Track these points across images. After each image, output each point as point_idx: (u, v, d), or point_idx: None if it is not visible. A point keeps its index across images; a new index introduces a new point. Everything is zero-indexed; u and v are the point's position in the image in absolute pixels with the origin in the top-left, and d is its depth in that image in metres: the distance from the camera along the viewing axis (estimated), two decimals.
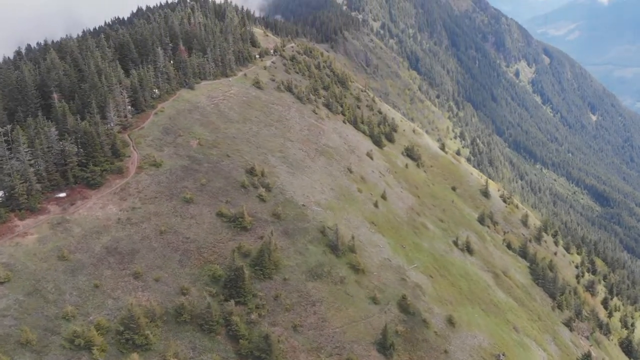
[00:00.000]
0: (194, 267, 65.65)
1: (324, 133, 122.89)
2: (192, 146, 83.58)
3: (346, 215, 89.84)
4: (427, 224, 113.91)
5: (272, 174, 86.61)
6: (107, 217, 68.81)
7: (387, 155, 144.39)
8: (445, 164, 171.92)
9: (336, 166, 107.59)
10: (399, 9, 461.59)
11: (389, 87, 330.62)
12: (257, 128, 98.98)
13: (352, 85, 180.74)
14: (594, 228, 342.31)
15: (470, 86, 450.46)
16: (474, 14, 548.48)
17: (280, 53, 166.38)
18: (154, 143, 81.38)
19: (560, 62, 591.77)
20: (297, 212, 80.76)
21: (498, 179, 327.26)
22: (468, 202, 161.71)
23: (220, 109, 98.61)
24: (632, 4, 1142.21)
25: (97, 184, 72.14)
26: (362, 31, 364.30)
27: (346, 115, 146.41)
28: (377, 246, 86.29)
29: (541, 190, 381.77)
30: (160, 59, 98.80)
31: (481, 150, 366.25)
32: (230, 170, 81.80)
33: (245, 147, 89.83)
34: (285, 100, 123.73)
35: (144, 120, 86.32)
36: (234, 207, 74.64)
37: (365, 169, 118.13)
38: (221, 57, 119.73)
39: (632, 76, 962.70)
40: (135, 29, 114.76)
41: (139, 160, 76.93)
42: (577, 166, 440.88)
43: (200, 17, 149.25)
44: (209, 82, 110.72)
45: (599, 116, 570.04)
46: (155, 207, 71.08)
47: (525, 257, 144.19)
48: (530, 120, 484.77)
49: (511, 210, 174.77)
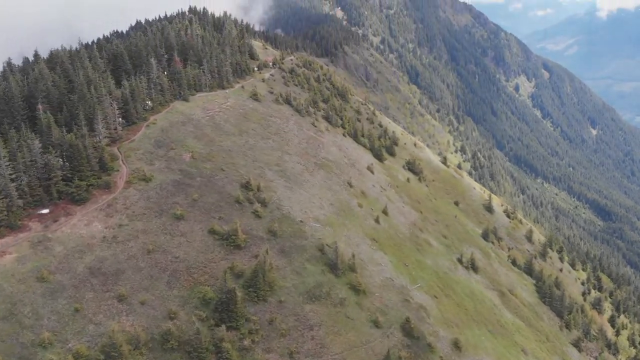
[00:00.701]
0: (182, 288, 61.34)
1: (323, 146, 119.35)
2: (185, 160, 79.83)
3: (346, 231, 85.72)
4: (430, 240, 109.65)
5: (269, 189, 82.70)
6: (91, 235, 64.73)
7: (388, 169, 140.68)
8: (447, 178, 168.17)
9: (336, 180, 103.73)
10: (399, 24, 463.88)
11: (389, 101, 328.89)
12: (253, 141, 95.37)
13: (352, 98, 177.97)
14: (597, 243, 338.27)
15: (470, 100, 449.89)
16: (474, 29, 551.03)
17: (279, 66, 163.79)
18: (145, 156, 77.65)
19: (559, 76, 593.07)
20: (294, 228, 76.66)
21: (500, 193, 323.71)
22: (471, 217, 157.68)
23: (216, 121, 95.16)
24: (629, 19, 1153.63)
25: (82, 199, 68.21)
26: (362, 46, 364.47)
27: (346, 128, 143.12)
28: (378, 264, 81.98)
29: (543, 205, 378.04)
30: (153, 70, 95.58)
31: (482, 164, 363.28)
32: (225, 185, 77.89)
33: (240, 161, 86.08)
34: (283, 113, 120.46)
35: (135, 133, 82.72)
36: (227, 223, 70.56)
37: (366, 183, 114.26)
38: (218, 68, 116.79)
39: (631, 90, 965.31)
40: (130, 40, 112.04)
41: (127, 175, 73.12)
42: (578, 180, 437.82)
43: (198, 30, 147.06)
44: (204, 94, 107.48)
45: (599, 130, 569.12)
46: (144, 224, 67.02)
47: (531, 274, 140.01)
48: (530, 135, 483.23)
49: (515, 225, 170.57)
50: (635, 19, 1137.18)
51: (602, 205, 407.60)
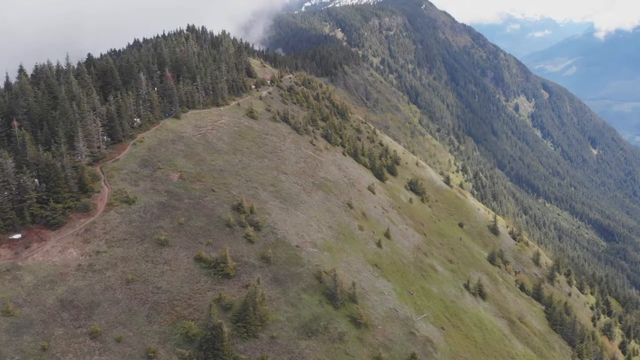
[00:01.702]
0: (164, 323, 55.01)
1: (321, 165, 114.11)
2: (173, 180, 74.32)
3: (346, 257, 79.64)
4: (435, 265, 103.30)
5: (263, 211, 76.93)
6: (65, 263, 58.79)
7: (390, 189, 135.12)
8: (451, 199, 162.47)
9: (335, 201, 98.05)
10: (398, 45, 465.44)
11: (389, 120, 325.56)
12: (248, 160, 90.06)
13: (352, 116, 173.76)
14: (601, 264, 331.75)
15: (471, 120, 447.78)
16: (473, 49, 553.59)
17: (278, 84, 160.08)
18: (129, 177, 72.18)
19: (559, 96, 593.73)
20: (289, 254, 70.60)
21: (502, 213, 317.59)
22: (476, 239, 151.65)
23: (208, 139, 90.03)
24: (627, 40, 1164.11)
25: (58, 223, 62.47)
26: (362, 66, 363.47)
27: (346, 147, 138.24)
28: (381, 293, 75.63)
29: (546, 225, 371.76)
30: (142, 86, 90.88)
31: (484, 184, 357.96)
32: (214, 207, 72.15)
33: (233, 181, 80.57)
34: (280, 131, 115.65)
35: (120, 152, 77.45)
36: (215, 250, 64.58)
37: (367, 204, 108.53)
38: (212, 85, 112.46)
39: (631, 111, 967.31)
40: (122, 56, 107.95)
41: (109, 196, 67.54)
42: (580, 200, 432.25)
43: (195, 47, 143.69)
44: (197, 111, 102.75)
45: (599, 150, 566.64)
46: (124, 251, 61.09)
47: (540, 299, 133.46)
48: (531, 154, 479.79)
49: (521, 248, 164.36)
50: (633, 39, 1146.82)
51: (605, 226, 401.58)
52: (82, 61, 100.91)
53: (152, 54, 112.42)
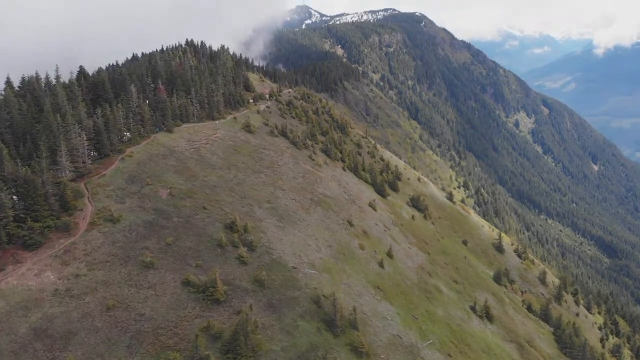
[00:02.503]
0: (146, 354, 50.06)
1: (321, 181, 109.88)
2: (162, 197, 69.94)
3: (346, 278, 74.81)
4: (440, 286, 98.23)
5: (258, 229, 72.36)
6: (41, 287, 54.08)
7: (392, 206, 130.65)
8: (454, 215, 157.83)
9: (334, 218, 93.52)
10: (398, 62, 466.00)
11: (390, 136, 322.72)
12: (243, 175, 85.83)
13: (352, 131, 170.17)
14: (605, 281, 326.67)
15: (471, 136, 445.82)
16: (472, 66, 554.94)
17: (276, 98, 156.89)
18: (115, 193, 67.84)
19: (559, 112, 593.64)
20: (285, 276, 65.81)
21: (505, 230, 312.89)
22: (481, 257, 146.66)
23: (201, 153, 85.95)
24: (625, 56, 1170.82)
25: (35, 244, 57.93)
26: (362, 82, 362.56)
27: (346, 162, 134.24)
28: (384, 318, 70.60)
29: (548, 242, 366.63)
30: (133, 99, 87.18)
31: (486, 200, 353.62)
32: (206, 226, 67.61)
33: (226, 198, 76.19)
34: (278, 145, 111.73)
35: (106, 167, 73.27)
36: (205, 272, 59.86)
37: (368, 222, 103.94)
38: (208, 99, 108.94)
39: (630, 126, 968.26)
40: (114, 68, 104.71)
41: (92, 215, 63.08)
42: (582, 216, 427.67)
43: (192, 61, 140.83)
44: (191, 124, 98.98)
45: (600, 166, 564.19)
46: (105, 274, 56.41)
47: (548, 320, 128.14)
48: (532, 170, 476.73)
49: (527, 266, 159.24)
50: (632, 55, 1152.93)
51: (608, 242, 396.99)
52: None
53: (147, 66, 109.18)
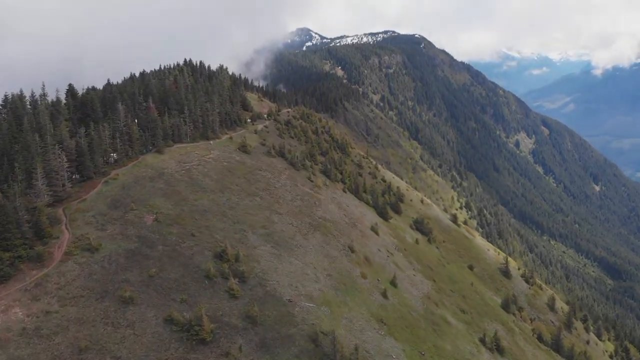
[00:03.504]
0: None
1: (320, 204, 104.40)
2: (147, 223, 64.44)
3: (347, 312, 68.68)
4: (447, 317, 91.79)
5: (251, 258, 66.61)
6: (7, 325, 48.14)
7: (394, 229, 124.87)
8: (459, 239, 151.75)
9: (334, 244, 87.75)
10: (398, 83, 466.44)
11: (390, 156, 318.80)
12: (237, 198, 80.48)
13: (353, 151, 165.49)
14: (610, 303, 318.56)
15: (472, 156, 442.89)
16: (472, 87, 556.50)
17: (275, 117, 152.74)
18: (95, 220, 62.38)
19: (559, 133, 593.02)
20: (280, 311, 59.79)
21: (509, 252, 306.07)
22: (488, 283, 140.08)
23: (192, 175, 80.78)
24: (624, 77, 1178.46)
25: (4, 276, 52.26)
26: (362, 102, 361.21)
27: (347, 184, 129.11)
28: (388, 356, 64.21)
29: (552, 264, 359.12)
30: (120, 117, 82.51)
31: (489, 221, 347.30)
32: (193, 255, 61.91)
33: (218, 223, 70.67)
34: (275, 166, 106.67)
35: (88, 190, 67.99)
36: (191, 308, 53.95)
37: (370, 247, 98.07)
38: (202, 118, 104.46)
39: (630, 147, 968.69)
40: (105, 87, 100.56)
41: (68, 243, 57.50)
42: (585, 237, 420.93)
43: (189, 80, 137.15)
44: (184, 145, 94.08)
45: (602, 186, 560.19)
46: (79, 311, 50.52)
47: (560, 350, 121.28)
48: (534, 191, 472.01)
49: (535, 292, 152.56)
50: (631, 76, 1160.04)
51: (611, 263, 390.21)
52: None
53: (139, 85, 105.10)
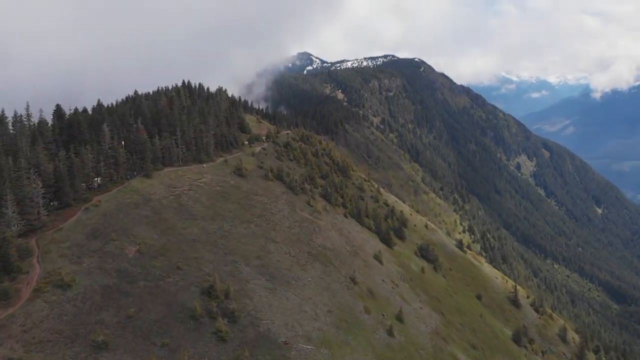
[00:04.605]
0: None
1: (320, 230, 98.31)
2: (128, 255, 58.38)
3: (350, 353, 61.91)
4: (458, 354, 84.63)
5: (242, 294, 60.27)
6: None
7: (399, 257, 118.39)
8: (466, 266, 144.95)
9: (335, 275, 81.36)
10: (398, 106, 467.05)
11: (391, 178, 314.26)
12: (229, 226, 74.57)
13: (354, 174, 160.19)
14: (616, 329, 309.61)
15: (473, 179, 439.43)
16: (472, 110, 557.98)
17: (274, 139, 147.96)
18: (71, 252, 56.36)
19: (560, 155, 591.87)
20: (274, 355, 53.18)
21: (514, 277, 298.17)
22: (497, 313, 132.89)
23: (182, 201, 75.11)
24: (623, 99, 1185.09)
25: None
26: (363, 124, 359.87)
27: (348, 208, 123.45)
28: None
29: (557, 289, 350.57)
30: (105, 139, 77.29)
31: (492, 245, 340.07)
32: (178, 291, 55.63)
33: (207, 254, 64.61)
34: (273, 191, 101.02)
35: (66, 219, 62.12)
36: (173, 353, 47.45)
37: (374, 278, 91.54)
38: (196, 140, 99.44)
39: (630, 169, 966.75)
40: (94, 108, 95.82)
41: (38, 279, 51.41)
42: (589, 261, 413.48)
43: (186, 101, 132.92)
44: (175, 168, 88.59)
45: (604, 209, 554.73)
46: (45, 358, 44.13)
47: None
48: (536, 214, 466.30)
49: (546, 322, 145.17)
50: (630, 99, 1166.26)
51: (616, 287, 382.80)
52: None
53: (131, 105, 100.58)
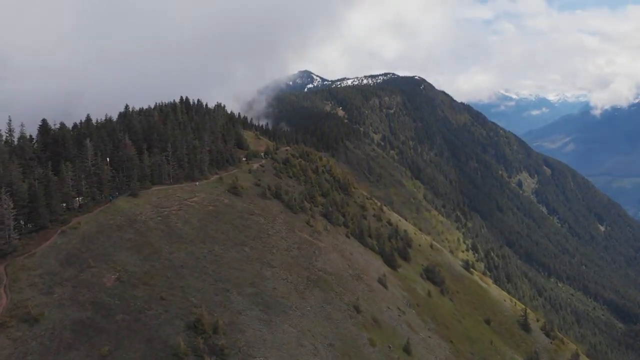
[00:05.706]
0: None
1: (320, 253, 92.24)
2: (106, 284, 52.37)
3: None
4: None
5: (233, 327, 54.02)
6: None
7: (404, 280, 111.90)
8: (473, 289, 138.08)
9: (337, 303, 75.05)
10: (399, 123, 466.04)
11: (393, 195, 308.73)
12: (221, 249, 68.67)
13: (356, 191, 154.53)
14: (622, 349, 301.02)
15: (475, 196, 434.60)
16: (473, 127, 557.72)
17: (272, 156, 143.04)
18: (42, 280, 50.39)
19: (562, 173, 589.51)
20: None
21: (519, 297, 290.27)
22: (506, 339, 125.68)
23: (170, 223, 69.33)
24: (623, 116, 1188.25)
25: None
26: (364, 141, 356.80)
27: (350, 228, 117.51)
28: None
29: (562, 308, 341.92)
30: (88, 156, 71.88)
31: (497, 264, 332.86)
32: (160, 326, 49.47)
33: (195, 282, 58.57)
34: (270, 210, 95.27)
35: (40, 243, 56.26)
36: None
37: (379, 305, 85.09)
38: (189, 156, 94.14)
39: (631, 186, 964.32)
40: (82, 123, 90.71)
41: (4, 312, 45.39)
42: (593, 279, 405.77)
43: (182, 117, 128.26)
44: (164, 187, 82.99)
45: (607, 226, 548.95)
46: None
47: None
48: (538, 231, 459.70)
49: (557, 346, 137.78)
50: (629, 116, 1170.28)
51: (621, 306, 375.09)
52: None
53: (122, 120, 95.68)
